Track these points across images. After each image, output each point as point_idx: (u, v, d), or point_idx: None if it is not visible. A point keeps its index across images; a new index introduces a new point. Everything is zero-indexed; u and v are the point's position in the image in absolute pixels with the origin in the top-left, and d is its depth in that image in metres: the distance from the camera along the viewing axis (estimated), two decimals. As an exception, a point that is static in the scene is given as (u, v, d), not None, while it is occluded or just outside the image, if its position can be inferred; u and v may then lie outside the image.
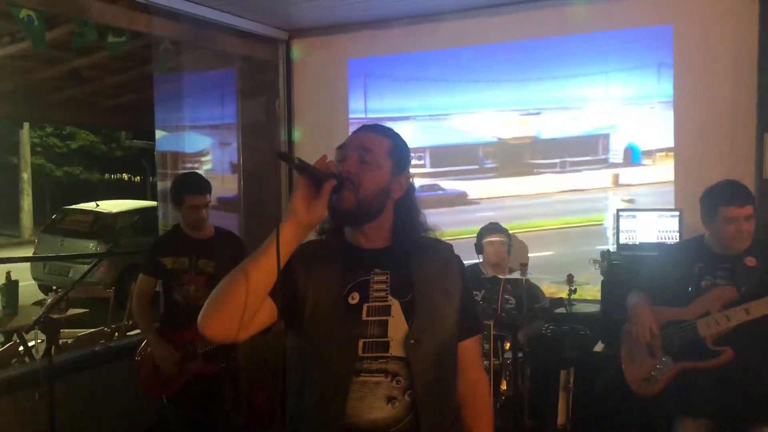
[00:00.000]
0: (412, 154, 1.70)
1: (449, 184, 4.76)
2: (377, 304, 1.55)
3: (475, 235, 4.02)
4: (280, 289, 1.47)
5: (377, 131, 1.64)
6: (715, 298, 2.59)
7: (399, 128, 1.70)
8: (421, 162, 4.76)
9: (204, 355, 3.24)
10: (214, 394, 3.31)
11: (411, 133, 4.73)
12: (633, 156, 4.25)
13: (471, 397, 1.72)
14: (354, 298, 1.55)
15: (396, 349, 1.51)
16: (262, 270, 1.44)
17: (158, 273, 3.37)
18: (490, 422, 1.77)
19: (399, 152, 1.63)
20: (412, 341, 1.52)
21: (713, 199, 2.62)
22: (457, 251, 1.73)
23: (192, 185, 3.33)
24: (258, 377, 4.32)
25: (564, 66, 4.36)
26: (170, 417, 3.38)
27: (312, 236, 1.58)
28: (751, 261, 2.59)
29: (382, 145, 1.60)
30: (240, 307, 1.43)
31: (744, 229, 2.56)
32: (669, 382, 2.69)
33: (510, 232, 4.01)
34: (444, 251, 1.70)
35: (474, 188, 4.70)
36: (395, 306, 1.55)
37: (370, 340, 1.51)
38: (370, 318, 1.53)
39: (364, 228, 1.60)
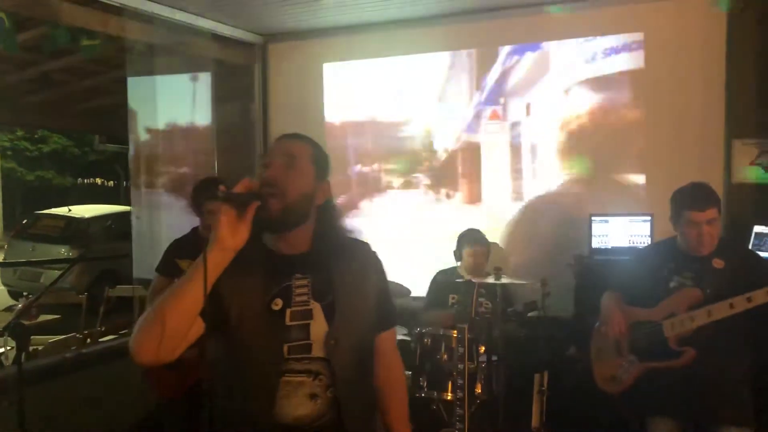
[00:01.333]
0: (387, 159, 1.73)
1: (422, 189, 4.78)
2: (299, 308, 1.59)
3: (449, 238, 4.01)
4: (208, 314, 1.48)
5: (300, 139, 1.68)
6: (681, 300, 2.63)
7: (374, 133, 1.72)
8: (396, 167, 4.76)
9: None
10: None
11: (385, 139, 4.70)
12: (605, 161, 4.31)
13: (386, 379, 1.80)
14: (277, 304, 1.58)
15: (318, 350, 1.58)
16: (189, 296, 1.44)
17: (173, 274, 3.35)
18: (404, 401, 1.85)
19: (321, 160, 1.67)
20: (332, 342, 1.58)
21: (679, 202, 2.66)
22: (433, 256, 1.76)
23: (211, 191, 3.33)
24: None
25: (536, 73, 4.41)
26: (167, 417, 3.37)
27: None
28: (718, 263, 2.62)
29: (306, 152, 1.64)
30: (169, 332, 1.44)
31: (705, 232, 2.57)
32: (635, 381, 2.73)
33: (486, 237, 4.02)
34: (361, 251, 1.75)
35: (447, 192, 4.72)
36: (317, 309, 1.60)
37: (294, 343, 1.57)
38: (293, 323, 1.58)
39: (286, 234, 1.62)
